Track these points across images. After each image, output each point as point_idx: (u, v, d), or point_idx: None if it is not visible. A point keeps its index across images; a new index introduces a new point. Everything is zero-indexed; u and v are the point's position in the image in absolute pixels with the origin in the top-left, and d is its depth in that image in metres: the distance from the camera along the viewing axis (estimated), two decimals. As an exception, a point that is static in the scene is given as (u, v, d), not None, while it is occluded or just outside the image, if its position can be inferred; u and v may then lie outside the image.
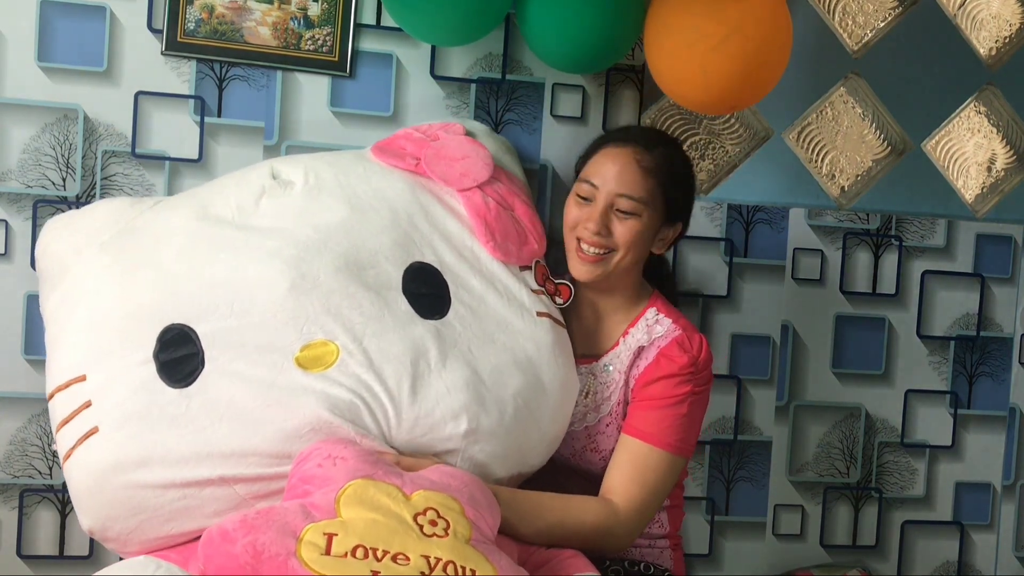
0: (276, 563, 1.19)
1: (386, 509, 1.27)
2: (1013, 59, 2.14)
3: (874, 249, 2.12)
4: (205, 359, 1.42)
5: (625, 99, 1.95)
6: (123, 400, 1.42)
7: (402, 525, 1.26)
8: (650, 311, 1.67)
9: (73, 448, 1.44)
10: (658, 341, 1.63)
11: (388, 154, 1.66)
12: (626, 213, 1.60)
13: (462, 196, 1.62)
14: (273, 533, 1.21)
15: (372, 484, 1.30)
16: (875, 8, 2.06)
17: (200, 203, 1.58)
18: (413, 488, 1.32)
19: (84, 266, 1.53)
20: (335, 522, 1.24)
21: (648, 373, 1.62)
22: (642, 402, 1.61)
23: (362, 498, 1.28)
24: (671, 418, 1.58)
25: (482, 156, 1.67)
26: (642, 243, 1.63)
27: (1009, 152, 2.17)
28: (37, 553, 1.79)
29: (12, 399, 1.77)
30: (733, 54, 1.60)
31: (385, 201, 1.58)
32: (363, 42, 1.84)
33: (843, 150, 2.09)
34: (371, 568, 1.20)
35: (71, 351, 1.48)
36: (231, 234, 1.51)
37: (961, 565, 2.21)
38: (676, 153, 1.69)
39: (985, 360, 2.19)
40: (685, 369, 1.59)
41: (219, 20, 1.78)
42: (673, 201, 1.65)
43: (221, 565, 1.21)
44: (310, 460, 1.35)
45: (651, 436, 1.57)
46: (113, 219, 1.58)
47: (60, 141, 1.76)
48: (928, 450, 2.18)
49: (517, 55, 1.90)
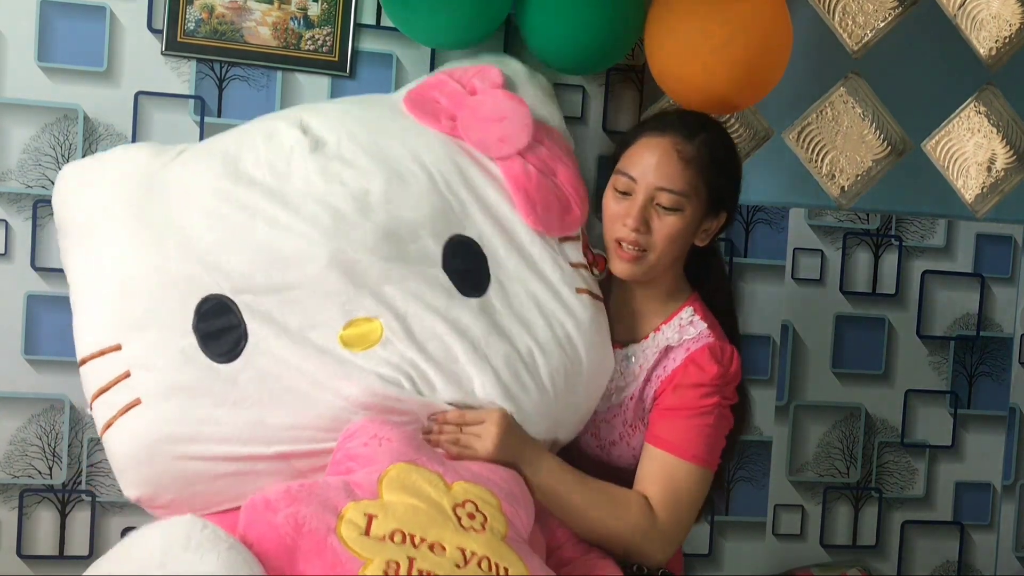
0: (315, 537, 1.20)
1: (427, 496, 1.28)
2: (1013, 59, 2.14)
3: (874, 249, 2.12)
4: (247, 332, 1.42)
5: (625, 99, 1.95)
6: (166, 373, 1.41)
7: (441, 515, 1.26)
8: (685, 311, 1.61)
9: (115, 418, 1.43)
10: (688, 344, 1.57)
11: (422, 111, 1.60)
12: (667, 208, 1.53)
13: (501, 165, 1.57)
14: (315, 507, 1.22)
15: (415, 469, 1.31)
16: (875, 8, 2.06)
17: (230, 158, 1.52)
18: (454, 478, 1.33)
19: (111, 228, 1.49)
20: (376, 503, 1.25)
21: (675, 377, 1.56)
22: (667, 411, 1.55)
23: (404, 482, 1.29)
24: (698, 429, 1.52)
25: (521, 117, 1.59)
26: (682, 240, 1.56)
27: (1009, 152, 2.17)
28: (37, 553, 1.79)
29: (12, 399, 1.77)
30: (733, 54, 1.60)
31: (422, 165, 1.54)
32: (363, 42, 1.84)
33: (843, 150, 2.09)
34: (407, 554, 1.20)
35: (103, 319, 1.46)
36: (265, 200, 1.47)
37: (961, 565, 2.21)
38: (719, 138, 1.60)
39: (985, 360, 2.19)
40: (714, 380, 1.53)
41: (219, 20, 1.78)
42: (717, 190, 1.57)
43: (262, 533, 1.22)
44: (356, 438, 1.36)
45: (680, 449, 1.52)
46: (135, 170, 1.53)
47: (60, 141, 1.76)
48: (928, 450, 2.18)
49: (517, 55, 1.90)
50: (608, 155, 1.94)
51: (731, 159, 1.61)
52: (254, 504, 1.25)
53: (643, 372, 1.60)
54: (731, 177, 1.61)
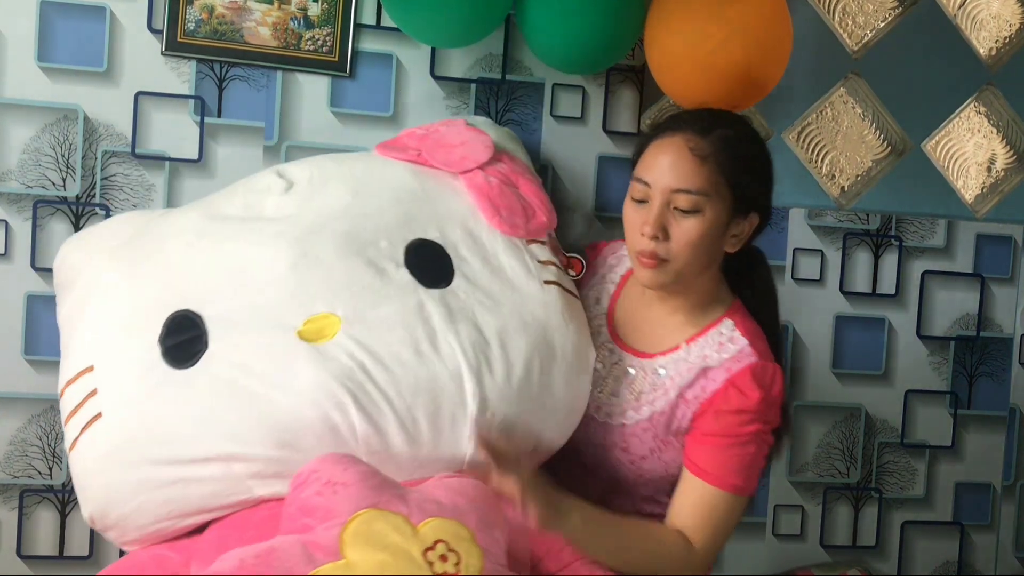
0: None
1: (394, 547, 1.21)
2: (1013, 59, 2.14)
3: (874, 249, 2.12)
4: (209, 340, 1.42)
5: (625, 99, 1.95)
6: (126, 384, 1.42)
7: (411, 564, 1.20)
8: (725, 323, 1.51)
9: (78, 437, 1.44)
10: (728, 363, 1.47)
11: (391, 149, 1.67)
12: (685, 212, 1.43)
13: (464, 178, 1.62)
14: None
15: (379, 515, 1.23)
16: (875, 8, 2.06)
17: (208, 206, 1.60)
18: (421, 516, 1.26)
19: (94, 268, 1.55)
20: (340, 565, 1.18)
21: (715, 402, 1.47)
22: (707, 437, 1.47)
23: (368, 535, 1.21)
24: (738, 458, 1.45)
25: (482, 140, 1.67)
26: (706, 245, 1.45)
27: (1009, 152, 2.17)
28: (37, 553, 1.79)
29: (12, 399, 1.77)
30: (733, 54, 1.60)
31: (388, 187, 1.58)
32: (363, 42, 1.84)
33: (843, 150, 2.09)
34: None
35: (81, 346, 1.49)
36: (237, 226, 1.53)
37: (961, 565, 2.21)
38: (739, 132, 1.50)
39: (985, 360, 2.19)
40: (757, 406, 1.45)
41: (219, 20, 1.78)
42: (741, 188, 1.46)
43: None
44: (308, 486, 1.29)
45: (719, 479, 1.45)
46: (124, 228, 1.61)
47: (60, 141, 1.76)
48: (928, 450, 2.18)
49: (517, 55, 1.90)
50: (608, 155, 1.95)
51: (756, 154, 1.51)
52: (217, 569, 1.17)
53: (675, 387, 1.51)
54: (757, 174, 1.51)
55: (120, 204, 1.78)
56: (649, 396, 1.53)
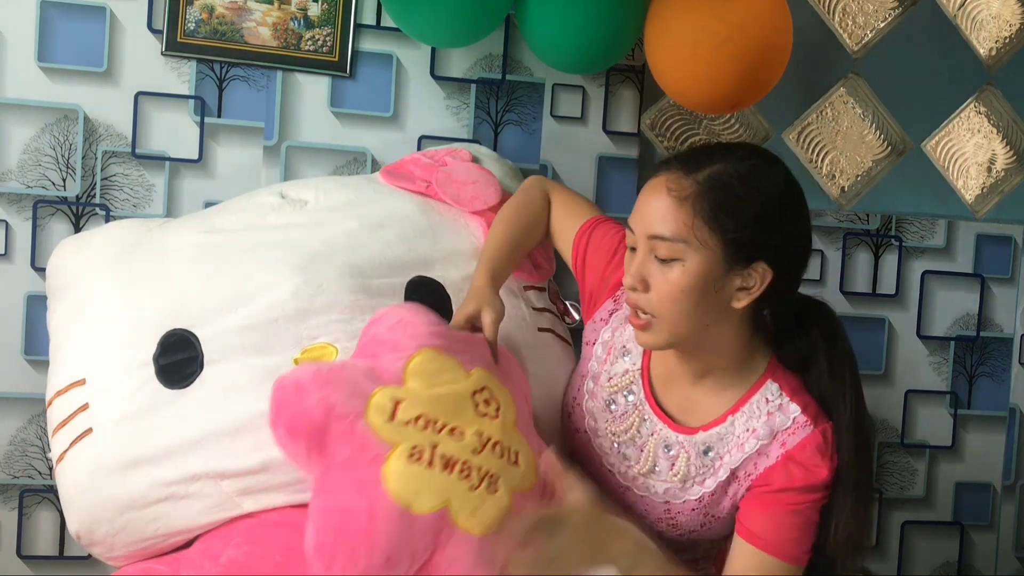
0: (345, 422, 1.22)
1: (448, 383, 1.31)
2: (1013, 59, 2.14)
3: (874, 249, 2.12)
4: (204, 362, 1.42)
5: (625, 99, 1.95)
6: (118, 402, 1.42)
7: (461, 400, 1.30)
8: (769, 387, 1.36)
9: (66, 451, 1.44)
10: (782, 436, 1.33)
11: (397, 177, 1.66)
12: (664, 260, 1.28)
13: (474, 219, 1.63)
14: (345, 393, 1.24)
15: (437, 356, 1.32)
16: (875, 8, 2.06)
17: (209, 219, 1.59)
18: (472, 364, 1.35)
19: (90, 277, 1.54)
20: (402, 389, 1.28)
21: (774, 480, 1.34)
22: (765, 506, 1.35)
23: (427, 370, 1.31)
24: (798, 527, 1.33)
25: (491, 182, 1.68)
26: (694, 300, 1.27)
27: (1009, 152, 2.17)
28: (37, 553, 1.79)
29: (12, 399, 1.77)
30: (734, 54, 1.60)
31: (394, 219, 1.58)
32: (363, 42, 1.84)
33: (843, 150, 2.09)
34: (430, 440, 1.25)
35: (73, 357, 1.49)
36: (238, 244, 1.51)
37: (961, 565, 2.21)
38: (736, 166, 1.28)
39: (985, 360, 2.19)
40: (825, 481, 1.32)
41: (219, 20, 1.78)
42: (730, 234, 1.26)
43: (294, 416, 1.23)
44: (382, 323, 1.37)
45: (777, 548, 1.33)
46: (122, 236, 1.59)
47: (60, 141, 1.76)
48: (928, 450, 2.18)
49: (517, 55, 1.90)
50: (608, 155, 1.95)
51: (756, 195, 1.28)
52: (284, 386, 1.25)
53: (725, 468, 1.37)
54: (757, 220, 1.27)
55: (120, 204, 1.78)
56: (698, 477, 1.39)
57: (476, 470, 1.26)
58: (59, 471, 1.46)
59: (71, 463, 1.43)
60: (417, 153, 1.75)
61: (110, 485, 1.40)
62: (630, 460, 1.44)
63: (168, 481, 1.39)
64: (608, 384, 1.48)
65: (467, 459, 1.26)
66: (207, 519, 1.40)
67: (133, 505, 1.40)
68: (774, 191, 1.30)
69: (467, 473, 1.25)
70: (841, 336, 1.39)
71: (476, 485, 1.25)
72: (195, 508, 1.39)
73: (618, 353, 1.48)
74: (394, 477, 1.21)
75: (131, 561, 1.46)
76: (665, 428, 1.41)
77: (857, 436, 1.34)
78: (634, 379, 1.45)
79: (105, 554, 1.47)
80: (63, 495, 1.46)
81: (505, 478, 1.28)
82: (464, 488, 1.24)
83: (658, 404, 1.43)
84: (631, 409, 1.45)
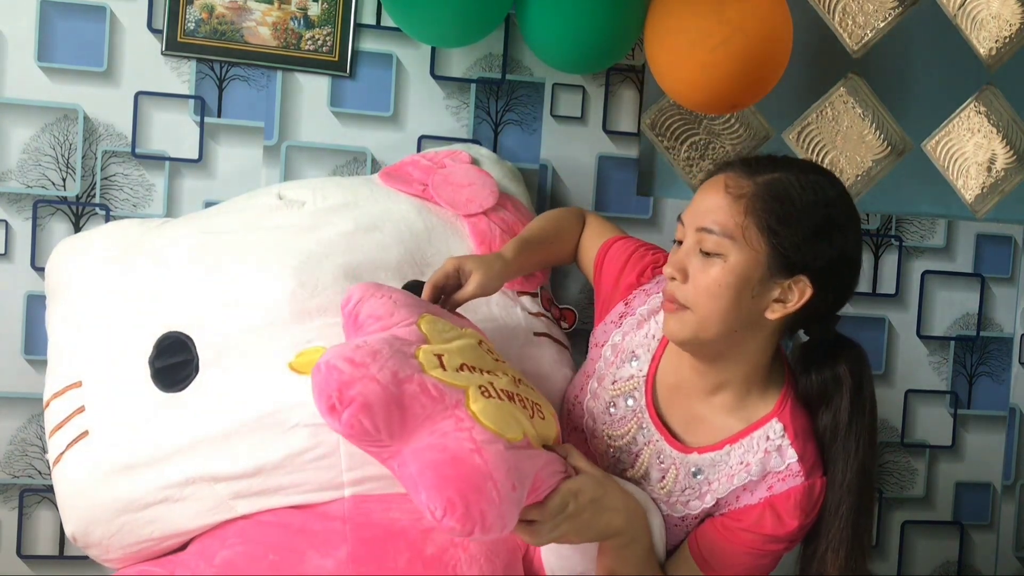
0: (414, 381, 1.18)
1: (457, 338, 1.31)
2: (1013, 59, 2.14)
3: (874, 249, 2.12)
4: (199, 365, 1.42)
5: (625, 99, 1.95)
6: (114, 404, 1.42)
7: (477, 350, 1.32)
8: (773, 426, 1.33)
9: (63, 453, 1.44)
10: (771, 479, 1.32)
11: (395, 179, 1.66)
12: (708, 254, 1.27)
13: (468, 222, 1.62)
14: (396, 357, 1.20)
15: (435, 319, 1.32)
16: (875, 8, 2.06)
17: (206, 220, 1.59)
18: (462, 325, 1.37)
19: (88, 278, 1.54)
20: (434, 346, 1.26)
21: (746, 519, 1.34)
22: (724, 536, 1.35)
23: (435, 329, 1.30)
24: (745, 568, 1.34)
25: (488, 184, 1.67)
26: (730, 297, 1.26)
27: (1009, 152, 2.17)
28: (37, 553, 1.79)
29: (12, 399, 1.77)
30: (734, 54, 1.60)
31: (391, 222, 1.58)
32: (363, 42, 1.84)
33: (843, 150, 2.09)
34: (487, 380, 1.26)
35: (70, 359, 1.49)
36: (234, 245, 1.51)
37: (961, 565, 2.21)
38: (800, 180, 1.28)
39: (985, 360, 2.19)
40: (791, 535, 1.31)
41: (219, 20, 1.78)
42: (779, 239, 1.25)
43: (364, 391, 1.13)
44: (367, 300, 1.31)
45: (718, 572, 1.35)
46: (121, 236, 1.59)
47: (60, 141, 1.76)
48: (928, 450, 2.18)
49: (517, 55, 1.90)
50: (608, 155, 1.95)
51: (810, 206, 1.27)
52: (335, 367, 1.15)
53: (711, 495, 1.37)
54: (807, 231, 1.26)
55: (120, 204, 1.78)
56: (682, 497, 1.39)
57: (525, 400, 1.29)
58: (56, 473, 1.46)
59: (68, 465, 1.44)
60: (417, 155, 1.75)
61: (106, 488, 1.41)
62: (623, 465, 1.44)
63: (163, 484, 1.39)
64: (612, 387, 1.47)
65: (516, 391, 1.28)
66: (202, 522, 1.40)
67: (129, 508, 1.40)
68: (831, 208, 1.29)
69: (523, 403, 1.28)
70: (868, 382, 1.35)
71: (531, 413, 1.28)
72: (190, 511, 1.40)
73: (626, 357, 1.47)
74: (481, 414, 1.19)
75: (127, 563, 1.46)
76: (661, 440, 1.41)
77: (860, 494, 1.31)
78: (638, 385, 1.45)
79: (101, 556, 1.48)
80: (60, 497, 1.47)
81: (542, 406, 1.33)
82: (527, 416, 1.26)
83: (659, 415, 1.43)
84: (630, 415, 1.44)
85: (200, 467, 1.38)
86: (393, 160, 1.79)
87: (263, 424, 1.37)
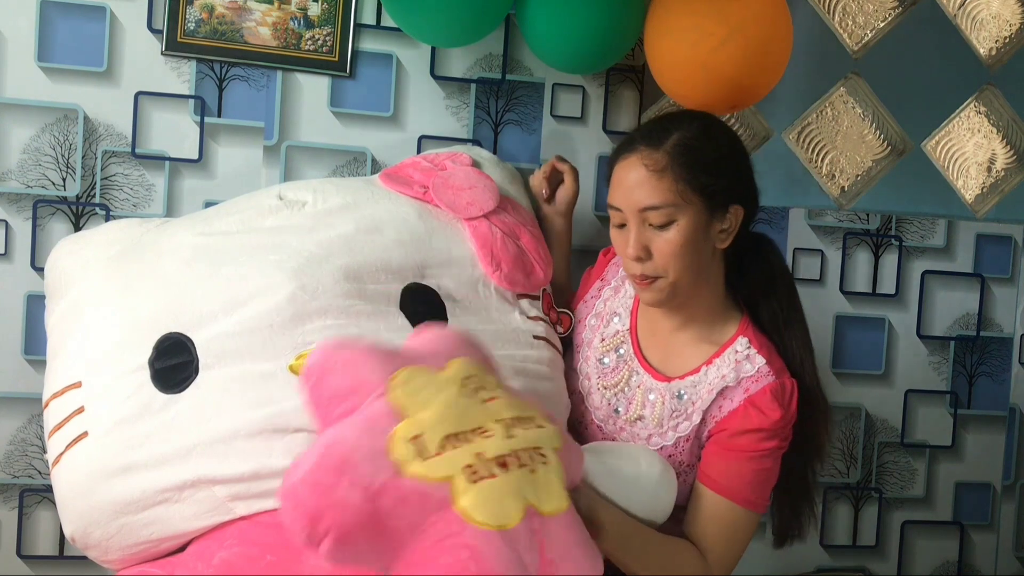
0: (389, 491, 1.08)
1: (437, 391, 1.19)
2: (1013, 59, 2.14)
3: (874, 249, 2.12)
4: (199, 367, 1.42)
5: (625, 99, 1.95)
6: (114, 406, 1.42)
7: (459, 402, 1.20)
8: (740, 341, 1.51)
9: (62, 454, 1.44)
10: (747, 383, 1.48)
11: (396, 181, 1.65)
12: (660, 226, 1.45)
13: (468, 225, 1.62)
14: (364, 462, 1.09)
15: (408, 374, 1.20)
16: (875, 8, 2.06)
17: (206, 221, 1.58)
18: (439, 363, 1.25)
19: (87, 279, 1.53)
20: (408, 422, 1.14)
21: (733, 422, 1.48)
22: (723, 452, 1.49)
23: (410, 389, 1.18)
24: (753, 473, 1.47)
25: (489, 186, 1.67)
26: (691, 251, 1.45)
27: (1009, 152, 2.17)
28: (37, 553, 1.79)
29: (12, 399, 1.77)
30: (733, 54, 1.61)
31: (391, 224, 1.57)
32: (363, 42, 1.84)
33: (843, 150, 2.09)
34: (473, 452, 1.14)
35: (69, 359, 1.48)
36: (235, 247, 1.51)
37: (961, 565, 2.21)
38: (695, 133, 1.47)
39: (985, 360, 2.19)
40: (775, 425, 1.46)
41: (219, 20, 1.78)
42: (708, 188, 1.45)
43: (334, 520, 1.06)
44: (329, 376, 1.21)
45: (733, 493, 1.47)
46: (120, 236, 1.59)
47: (60, 141, 1.76)
48: (928, 450, 2.18)
49: (517, 55, 1.90)
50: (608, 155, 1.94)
51: (715, 149, 1.48)
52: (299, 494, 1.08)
53: (697, 411, 1.52)
54: (723, 170, 1.48)
55: (120, 204, 1.78)
56: (672, 422, 1.53)
57: (523, 453, 1.18)
58: (55, 474, 1.46)
59: (67, 467, 1.44)
60: (417, 156, 1.75)
61: (105, 490, 1.40)
62: (619, 412, 1.59)
63: (162, 487, 1.38)
64: (600, 345, 1.64)
65: (511, 449, 1.17)
66: (200, 524, 1.40)
67: (127, 510, 1.40)
68: (725, 140, 1.52)
69: (520, 461, 1.17)
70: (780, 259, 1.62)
71: (532, 467, 1.18)
72: (188, 513, 1.39)
73: (609, 318, 1.66)
74: (472, 508, 1.11)
75: (126, 564, 1.46)
76: (648, 377, 1.57)
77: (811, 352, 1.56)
78: (624, 339, 1.63)
79: (100, 557, 1.48)
80: (58, 498, 1.47)
81: (542, 442, 1.22)
82: (528, 478, 1.16)
83: (644, 357, 1.60)
84: (622, 364, 1.61)
85: (199, 469, 1.37)
86: (393, 160, 1.79)
87: (262, 426, 1.36)
